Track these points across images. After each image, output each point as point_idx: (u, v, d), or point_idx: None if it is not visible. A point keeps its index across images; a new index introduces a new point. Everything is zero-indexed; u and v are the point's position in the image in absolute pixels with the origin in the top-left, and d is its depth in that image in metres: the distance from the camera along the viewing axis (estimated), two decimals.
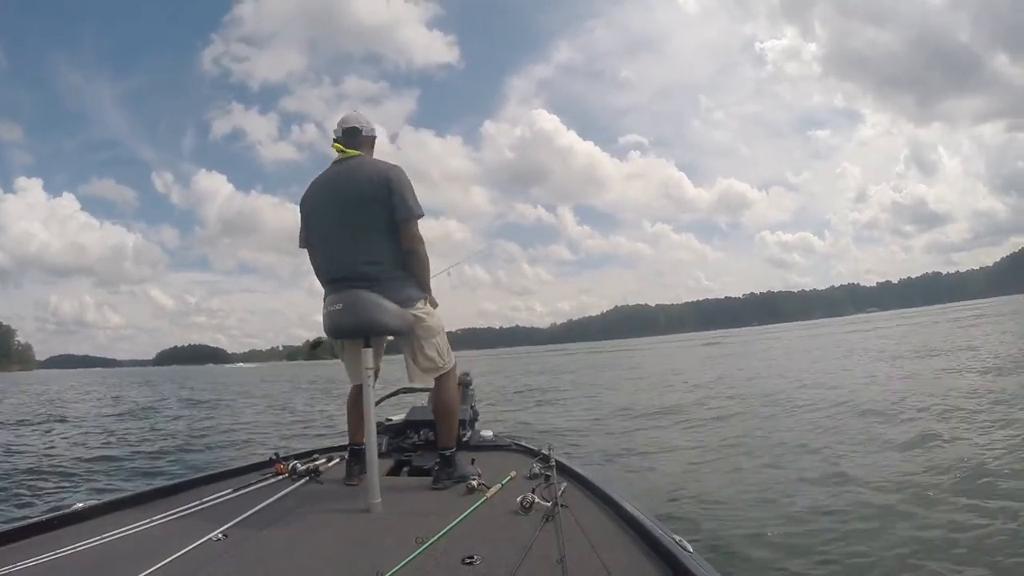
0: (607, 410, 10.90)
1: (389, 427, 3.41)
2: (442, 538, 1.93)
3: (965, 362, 12.93)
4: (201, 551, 1.90)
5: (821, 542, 3.62)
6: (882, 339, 28.10)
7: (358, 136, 2.72)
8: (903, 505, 4.10)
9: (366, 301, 2.46)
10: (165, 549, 1.86)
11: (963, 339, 20.54)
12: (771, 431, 7.25)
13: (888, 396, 9.07)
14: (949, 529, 3.62)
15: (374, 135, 2.79)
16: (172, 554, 1.83)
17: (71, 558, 1.87)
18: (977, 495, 4.14)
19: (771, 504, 4.41)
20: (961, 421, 6.71)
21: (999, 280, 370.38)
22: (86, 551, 1.93)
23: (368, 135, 2.76)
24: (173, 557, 1.81)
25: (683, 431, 8.06)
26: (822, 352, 23.16)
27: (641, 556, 1.75)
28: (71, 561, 1.85)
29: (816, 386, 11.29)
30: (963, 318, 36.01)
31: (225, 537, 2.03)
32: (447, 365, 2.72)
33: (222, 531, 2.07)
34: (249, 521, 2.22)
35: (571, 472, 2.68)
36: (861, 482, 4.74)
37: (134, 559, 1.79)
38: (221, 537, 2.03)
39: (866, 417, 7.54)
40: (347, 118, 2.75)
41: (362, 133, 2.74)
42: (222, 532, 2.07)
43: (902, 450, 5.67)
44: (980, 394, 8.37)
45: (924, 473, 4.81)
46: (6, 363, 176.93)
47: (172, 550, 1.85)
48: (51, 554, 1.87)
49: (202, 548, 1.92)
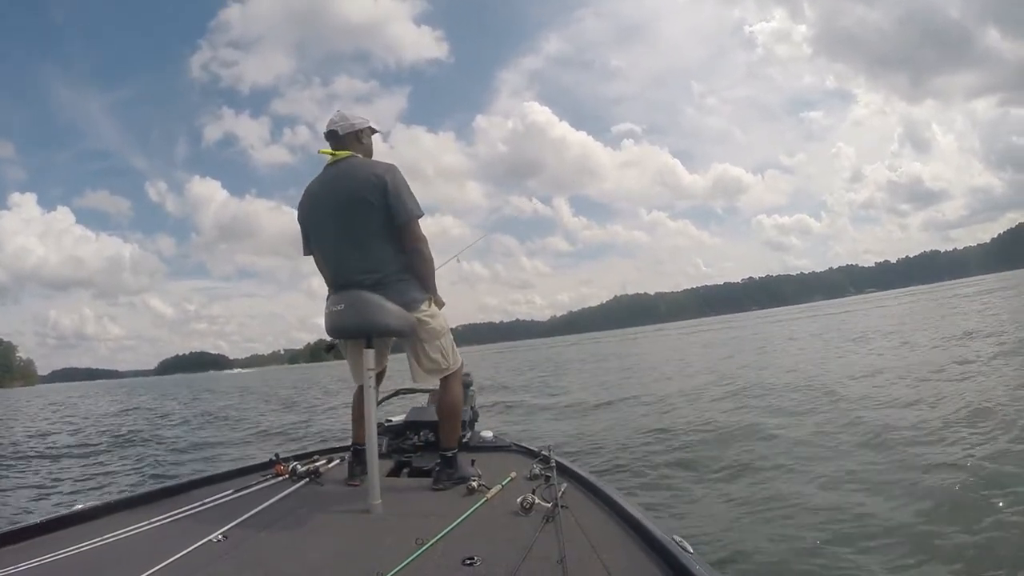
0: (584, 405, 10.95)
1: (389, 428, 3.42)
2: (442, 539, 1.94)
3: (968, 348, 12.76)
4: (201, 552, 1.92)
5: (821, 542, 3.62)
6: (882, 318, 28.17)
7: (339, 137, 2.68)
8: (904, 506, 4.04)
9: (367, 302, 2.45)
10: (165, 550, 1.88)
11: (963, 320, 20.41)
12: (771, 429, 7.18)
13: (883, 387, 8.93)
14: (949, 530, 3.59)
15: (355, 129, 2.70)
16: (173, 555, 1.84)
17: (72, 559, 1.89)
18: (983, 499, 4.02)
19: (771, 504, 4.38)
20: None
21: (998, 256, 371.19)
22: (87, 552, 1.95)
23: (347, 132, 2.69)
24: (174, 558, 1.83)
25: (681, 431, 8.04)
26: (816, 338, 23.03)
27: (641, 556, 1.76)
28: (72, 562, 1.87)
29: (812, 377, 11.14)
30: (967, 294, 35.80)
31: (225, 538, 2.05)
32: (452, 366, 2.71)
33: (222, 532, 2.09)
34: (249, 522, 2.24)
35: (571, 473, 2.69)
36: (863, 481, 4.68)
37: (135, 560, 1.81)
38: (221, 538, 2.05)
39: (868, 412, 7.40)
40: (329, 122, 2.71)
41: (339, 133, 2.67)
42: (222, 533, 2.08)
43: (907, 445, 5.53)
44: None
45: (923, 475, 4.71)
46: (8, 379, 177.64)
47: (172, 551, 1.87)
48: (52, 555, 1.89)
49: (202, 549, 1.94)
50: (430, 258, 2.64)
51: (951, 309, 26.98)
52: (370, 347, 2.47)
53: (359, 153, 2.68)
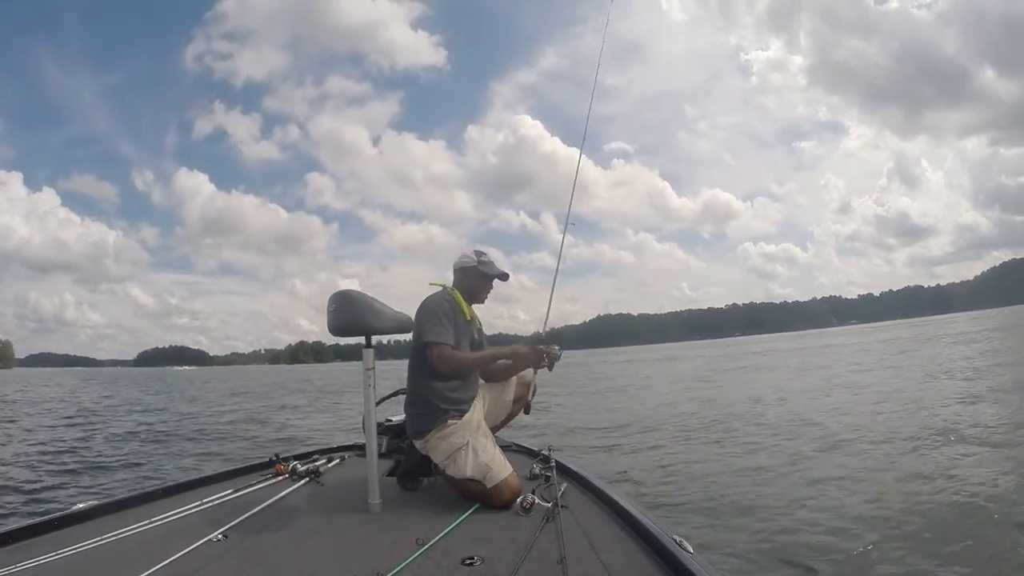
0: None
1: (389, 427, 3.44)
2: (442, 539, 1.97)
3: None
4: (201, 552, 1.93)
5: (821, 542, 3.69)
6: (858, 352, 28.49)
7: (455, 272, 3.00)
8: (905, 506, 4.21)
9: (356, 302, 2.51)
10: (165, 549, 1.90)
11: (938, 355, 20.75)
12: (771, 436, 7.34)
13: (872, 406, 9.27)
14: (949, 533, 3.72)
15: (461, 265, 2.96)
16: (172, 555, 1.86)
17: (72, 558, 1.90)
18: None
19: (771, 504, 4.50)
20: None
21: (981, 294, 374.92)
22: (87, 551, 1.96)
23: (455, 269, 3.00)
24: (173, 558, 1.85)
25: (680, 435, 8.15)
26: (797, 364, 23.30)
27: (641, 556, 1.78)
28: (72, 561, 1.88)
29: (802, 393, 11.43)
30: (947, 333, 36.31)
31: (225, 538, 2.07)
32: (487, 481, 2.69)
33: (222, 532, 2.11)
34: (249, 522, 2.26)
35: (571, 473, 2.73)
36: (862, 482, 4.85)
37: (135, 559, 1.83)
38: (221, 538, 2.07)
39: (861, 422, 7.70)
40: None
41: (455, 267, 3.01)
42: (222, 533, 2.11)
43: (903, 452, 5.82)
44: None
45: (923, 477, 4.89)
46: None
47: (172, 550, 1.89)
48: (52, 554, 1.90)
49: (202, 549, 1.96)
50: (452, 373, 2.73)
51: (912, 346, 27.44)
52: (370, 346, 2.52)
53: (458, 288, 2.94)
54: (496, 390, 3.01)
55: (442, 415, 2.65)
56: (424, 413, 2.68)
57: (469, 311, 2.90)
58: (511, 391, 3.04)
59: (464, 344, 2.80)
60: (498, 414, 3.02)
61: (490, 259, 2.94)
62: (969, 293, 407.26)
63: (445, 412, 2.65)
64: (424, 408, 2.68)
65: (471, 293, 2.94)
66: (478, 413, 2.79)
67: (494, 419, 2.98)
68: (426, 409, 2.67)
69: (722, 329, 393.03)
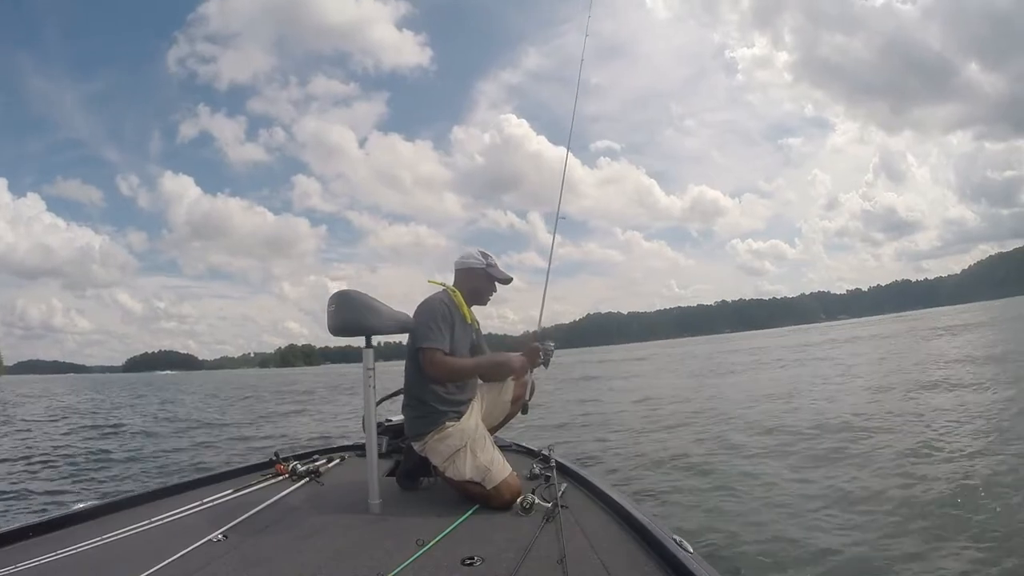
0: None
1: (389, 427, 3.43)
2: (442, 539, 1.98)
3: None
4: (201, 552, 1.93)
5: (821, 542, 3.69)
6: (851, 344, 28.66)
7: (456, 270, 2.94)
8: (906, 506, 4.20)
9: (356, 302, 2.50)
10: (165, 549, 1.90)
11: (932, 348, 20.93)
12: (771, 436, 7.37)
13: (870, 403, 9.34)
14: (948, 533, 3.71)
15: (466, 266, 2.90)
16: (172, 555, 1.86)
17: (72, 558, 1.90)
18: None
19: (771, 504, 4.51)
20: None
21: (969, 287, 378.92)
22: (87, 551, 1.96)
23: (457, 268, 2.93)
24: (173, 558, 1.85)
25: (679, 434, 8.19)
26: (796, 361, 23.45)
27: (641, 556, 1.79)
28: (72, 561, 1.88)
29: (802, 393, 11.53)
30: (937, 327, 36.63)
31: (225, 538, 2.07)
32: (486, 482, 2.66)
33: (222, 532, 2.11)
34: (249, 522, 2.26)
35: (571, 473, 2.73)
36: (860, 482, 4.86)
37: (134, 559, 1.82)
38: (221, 538, 2.07)
39: (861, 422, 7.72)
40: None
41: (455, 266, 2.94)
42: (222, 533, 2.11)
43: (904, 452, 5.82)
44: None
45: (921, 482, 4.88)
46: None
47: (172, 551, 1.89)
48: (52, 554, 1.90)
49: (202, 549, 1.96)
50: (444, 379, 2.69)
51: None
52: (370, 346, 2.51)
53: (459, 288, 2.87)
54: (494, 390, 2.97)
55: (440, 417, 2.63)
56: (422, 415, 2.66)
57: (469, 313, 2.85)
58: (509, 391, 3.00)
59: (463, 347, 2.76)
60: (497, 414, 2.99)
61: (495, 261, 2.90)
62: (957, 286, 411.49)
63: (443, 414, 2.64)
64: (422, 410, 2.66)
65: (474, 294, 2.89)
66: (476, 414, 2.76)
67: (493, 420, 2.94)
68: (424, 411, 2.66)
69: (712, 326, 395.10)
